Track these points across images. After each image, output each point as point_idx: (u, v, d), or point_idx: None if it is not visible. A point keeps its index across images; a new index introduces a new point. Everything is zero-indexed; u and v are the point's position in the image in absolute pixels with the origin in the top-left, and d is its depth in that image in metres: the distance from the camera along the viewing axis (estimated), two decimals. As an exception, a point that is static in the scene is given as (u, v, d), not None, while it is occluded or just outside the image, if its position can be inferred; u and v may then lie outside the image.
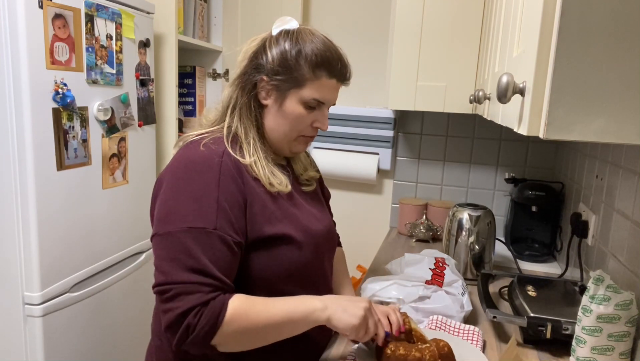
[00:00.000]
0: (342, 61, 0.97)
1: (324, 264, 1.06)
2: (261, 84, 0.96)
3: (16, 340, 1.41)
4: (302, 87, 0.94)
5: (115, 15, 1.59)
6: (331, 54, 0.95)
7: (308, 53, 0.93)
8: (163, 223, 0.86)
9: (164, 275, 0.83)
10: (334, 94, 0.99)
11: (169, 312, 0.81)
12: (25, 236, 1.37)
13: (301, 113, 0.96)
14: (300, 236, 0.95)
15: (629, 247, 1.05)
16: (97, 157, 1.57)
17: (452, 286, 1.25)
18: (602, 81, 0.51)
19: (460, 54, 1.67)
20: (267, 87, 0.96)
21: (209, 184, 0.86)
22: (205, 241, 0.83)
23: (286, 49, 0.93)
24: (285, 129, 0.97)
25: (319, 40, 0.95)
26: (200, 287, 0.81)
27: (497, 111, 0.92)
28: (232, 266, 0.87)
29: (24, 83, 1.30)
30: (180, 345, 0.82)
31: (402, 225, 2.01)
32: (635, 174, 1.06)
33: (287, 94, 0.95)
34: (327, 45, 0.95)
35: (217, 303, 0.81)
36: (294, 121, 0.96)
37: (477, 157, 2.02)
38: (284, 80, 0.94)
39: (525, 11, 0.72)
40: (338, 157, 2.12)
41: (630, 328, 0.92)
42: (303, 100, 0.95)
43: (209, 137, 0.95)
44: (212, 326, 0.80)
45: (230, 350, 0.86)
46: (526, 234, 1.81)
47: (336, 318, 0.86)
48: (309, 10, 2.14)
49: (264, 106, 0.98)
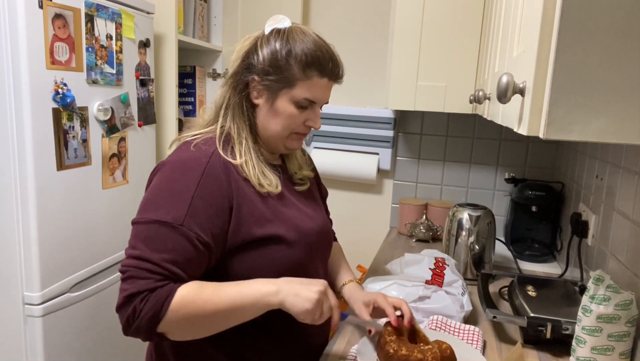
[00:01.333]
0: (334, 60, 0.97)
1: (316, 264, 1.05)
2: (252, 83, 0.96)
3: (16, 340, 1.41)
4: (293, 87, 0.94)
5: (115, 15, 1.59)
6: (322, 53, 0.94)
7: (298, 53, 0.92)
8: (139, 211, 0.88)
9: (126, 258, 0.85)
10: (326, 93, 0.99)
11: (121, 293, 0.83)
12: (25, 236, 1.37)
13: (293, 112, 0.96)
14: (291, 235, 0.95)
15: (629, 247, 1.05)
16: (97, 157, 1.57)
17: (452, 286, 1.25)
18: (602, 80, 0.51)
19: (460, 54, 1.67)
20: (259, 87, 0.96)
21: (189, 183, 0.87)
22: (167, 234, 0.84)
23: (276, 49, 0.93)
24: (277, 128, 0.97)
25: (309, 40, 0.94)
26: (149, 274, 0.82)
27: (497, 111, 0.92)
28: (193, 262, 0.86)
29: (24, 83, 1.30)
30: (127, 330, 0.83)
31: (402, 225, 2.01)
32: (635, 174, 1.06)
33: (278, 94, 0.95)
34: (318, 45, 0.95)
35: (164, 291, 0.82)
36: (286, 120, 0.96)
37: (477, 157, 2.02)
38: (274, 80, 0.94)
39: (525, 11, 0.72)
40: (338, 157, 2.12)
41: (630, 328, 0.92)
42: (294, 100, 0.95)
43: (202, 137, 0.96)
44: (155, 312, 0.81)
45: (179, 338, 0.87)
46: (526, 234, 1.81)
47: (289, 303, 0.85)
48: (309, 10, 2.14)
49: (255, 105, 0.98)
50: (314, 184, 1.17)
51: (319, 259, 1.07)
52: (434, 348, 0.92)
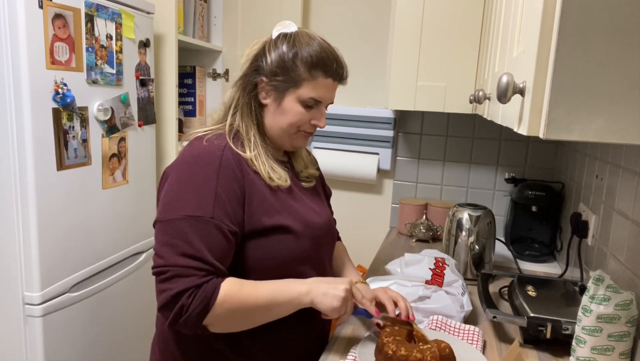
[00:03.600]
0: (338, 61, 1.02)
1: (322, 257, 1.10)
2: (261, 84, 1.01)
3: (16, 340, 1.41)
4: (299, 87, 0.99)
5: (115, 15, 1.59)
6: (326, 54, 1.00)
7: (304, 55, 0.98)
8: (164, 210, 0.92)
9: (162, 259, 0.88)
10: (331, 93, 1.04)
11: (164, 292, 0.86)
12: (25, 236, 1.37)
13: (299, 111, 1.01)
14: (298, 227, 0.99)
15: (629, 247, 1.05)
16: (97, 157, 1.57)
17: (452, 286, 1.25)
18: (602, 81, 0.51)
19: (460, 54, 1.67)
20: (267, 87, 1.01)
21: (209, 176, 0.91)
22: (202, 228, 0.88)
23: (284, 52, 0.99)
24: (284, 126, 1.02)
25: (315, 43, 1.00)
26: (195, 271, 0.87)
27: (497, 111, 0.92)
28: (226, 253, 0.92)
29: (24, 83, 1.30)
30: (174, 325, 0.87)
31: (402, 225, 2.01)
32: (635, 174, 1.06)
33: (285, 94, 1.00)
34: (322, 47, 1.00)
35: (210, 286, 0.87)
36: (292, 118, 1.01)
37: (477, 157, 2.02)
38: (282, 80, 0.99)
39: (525, 11, 0.72)
40: (338, 157, 2.12)
41: (630, 328, 0.92)
42: (301, 99, 1.00)
43: (212, 133, 1.00)
44: (204, 307, 0.86)
45: (220, 330, 0.92)
46: (526, 234, 1.81)
47: (318, 302, 0.92)
48: (309, 10, 2.14)
49: (264, 105, 1.03)
50: (319, 183, 1.21)
51: (325, 253, 1.11)
52: (432, 347, 0.92)
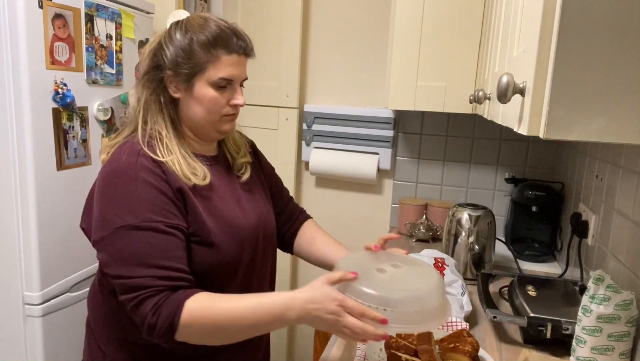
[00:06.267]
0: (238, 35, 0.97)
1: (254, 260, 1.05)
2: (168, 79, 0.97)
3: (16, 340, 1.41)
4: (204, 70, 0.95)
5: (115, 15, 1.59)
6: (222, 31, 0.95)
7: (200, 38, 0.94)
8: (97, 229, 0.89)
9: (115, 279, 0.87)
10: (241, 69, 0.99)
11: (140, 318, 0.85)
12: (25, 236, 1.37)
13: (213, 95, 0.97)
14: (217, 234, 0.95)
15: (629, 247, 1.05)
16: (97, 157, 1.57)
17: (452, 287, 1.25)
18: (602, 80, 0.51)
19: (460, 54, 1.67)
20: (174, 80, 0.96)
21: (128, 183, 0.89)
22: (137, 235, 0.85)
23: (179, 40, 0.95)
24: (202, 114, 0.98)
25: (210, 23, 0.96)
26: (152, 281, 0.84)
27: (497, 111, 0.92)
28: (172, 249, 0.88)
29: (24, 83, 1.30)
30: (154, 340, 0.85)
31: (402, 225, 2.01)
32: (635, 174, 1.06)
33: (193, 82, 0.96)
34: (218, 25, 0.96)
35: (171, 305, 0.83)
36: (208, 104, 0.97)
37: (477, 157, 2.02)
38: (186, 69, 0.95)
39: (525, 11, 0.72)
40: (338, 157, 2.12)
41: (630, 328, 0.92)
42: (210, 81, 0.96)
43: (126, 142, 0.97)
44: (169, 326, 0.83)
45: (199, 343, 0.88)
46: (526, 234, 1.81)
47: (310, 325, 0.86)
48: (309, 10, 2.14)
49: (176, 99, 0.99)
50: (256, 169, 1.16)
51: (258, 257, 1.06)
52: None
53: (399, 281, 0.91)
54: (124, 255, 0.86)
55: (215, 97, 0.97)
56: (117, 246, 0.86)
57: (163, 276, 0.85)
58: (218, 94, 0.97)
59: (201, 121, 0.99)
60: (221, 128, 1.01)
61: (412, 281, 0.90)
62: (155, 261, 0.85)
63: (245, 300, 0.87)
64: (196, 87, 0.96)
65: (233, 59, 0.97)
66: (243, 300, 0.87)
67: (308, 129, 2.15)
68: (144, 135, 0.96)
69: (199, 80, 0.96)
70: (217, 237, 0.95)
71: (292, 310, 0.84)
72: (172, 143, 0.96)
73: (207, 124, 1.00)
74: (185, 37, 0.94)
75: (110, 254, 0.88)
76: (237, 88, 1.00)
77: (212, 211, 0.96)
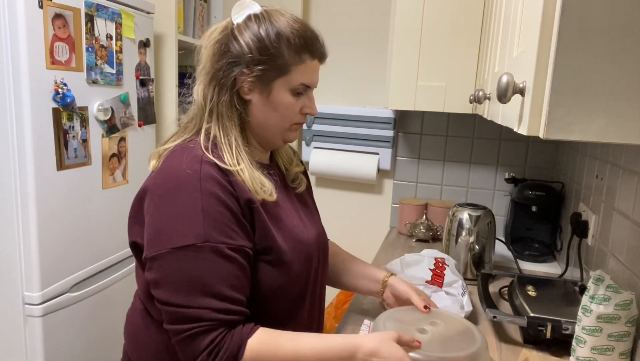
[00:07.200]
0: (320, 39, 0.90)
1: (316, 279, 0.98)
2: (242, 77, 0.86)
3: (16, 340, 1.41)
4: (288, 73, 0.86)
5: (115, 15, 1.59)
6: (311, 33, 0.88)
7: (289, 36, 0.85)
8: (151, 244, 0.80)
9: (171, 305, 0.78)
10: (317, 75, 0.92)
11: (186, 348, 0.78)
12: (25, 236, 1.37)
13: (290, 102, 0.89)
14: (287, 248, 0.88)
15: (629, 247, 1.05)
16: (97, 157, 1.57)
17: (452, 287, 1.25)
18: (602, 80, 0.51)
19: (460, 54, 1.67)
20: (249, 79, 0.86)
21: (191, 194, 0.79)
22: (197, 258, 0.77)
23: (262, 35, 0.84)
24: (276, 122, 0.90)
25: (293, 20, 0.87)
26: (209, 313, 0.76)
27: (497, 111, 0.92)
28: (234, 277, 0.79)
29: (24, 83, 1.30)
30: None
31: (402, 225, 2.01)
32: (635, 174, 1.06)
33: (273, 84, 0.87)
34: (303, 25, 0.88)
35: (232, 344, 0.76)
36: (284, 111, 0.89)
37: (477, 157, 2.02)
38: (267, 69, 0.85)
39: (525, 11, 0.72)
40: (338, 157, 2.12)
41: (630, 328, 0.92)
42: (291, 87, 0.88)
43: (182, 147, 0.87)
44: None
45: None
46: (526, 234, 1.81)
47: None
48: (309, 10, 2.14)
49: (247, 101, 0.88)
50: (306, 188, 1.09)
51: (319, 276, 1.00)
52: None
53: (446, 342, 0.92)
54: (180, 280, 0.77)
55: (292, 104, 0.89)
56: (173, 268, 0.77)
57: (221, 308, 0.77)
58: (294, 101, 0.89)
59: (272, 127, 0.90)
60: (288, 137, 0.94)
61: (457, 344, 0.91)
62: (214, 289, 0.77)
63: (309, 342, 0.81)
64: (275, 91, 0.87)
65: (315, 65, 0.90)
66: (306, 341, 0.81)
67: (308, 129, 2.15)
68: (206, 140, 0.86)
69: (280, 83, 0.87)
70: (286, 255, 0.87)
71: (355, 358, 0.80)
72: (241, 150, 0.86)
73: (276, 131, 0.91)
74: (272, 32, 0.84)
75: (162, 276, 0.78)
76: (311, 96, 0.93)
77: (280, 226, 0.88)
